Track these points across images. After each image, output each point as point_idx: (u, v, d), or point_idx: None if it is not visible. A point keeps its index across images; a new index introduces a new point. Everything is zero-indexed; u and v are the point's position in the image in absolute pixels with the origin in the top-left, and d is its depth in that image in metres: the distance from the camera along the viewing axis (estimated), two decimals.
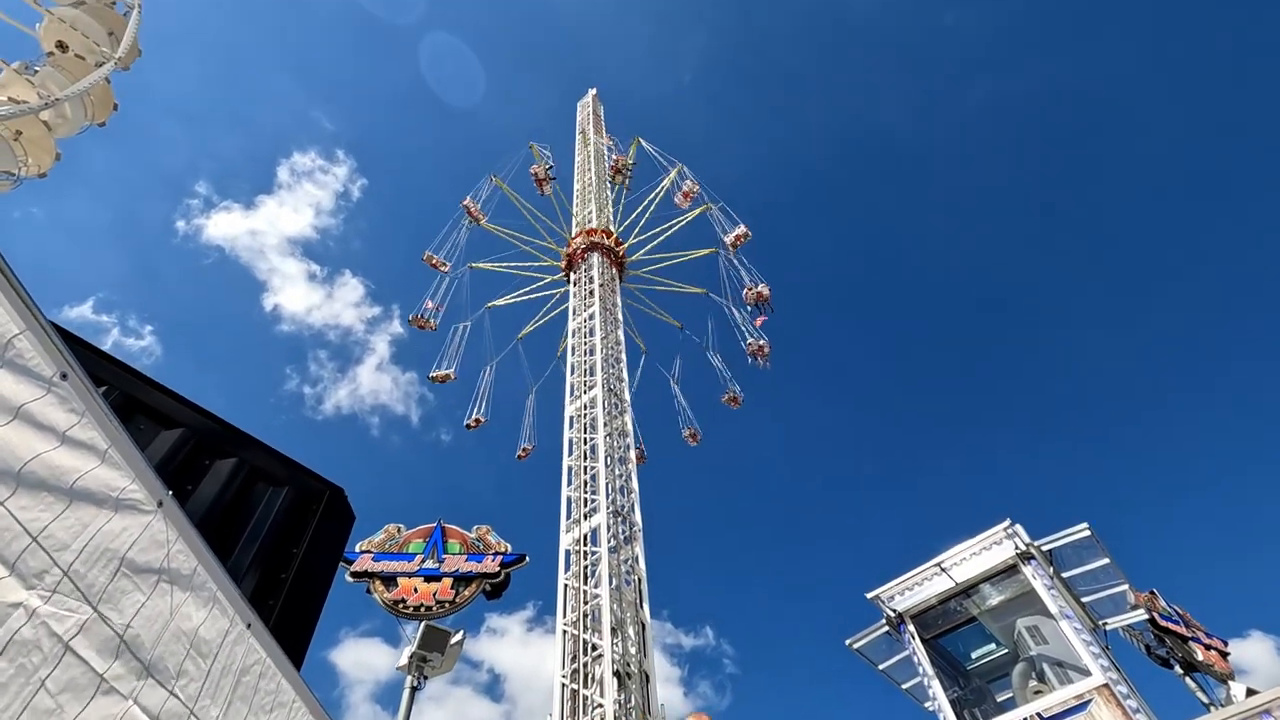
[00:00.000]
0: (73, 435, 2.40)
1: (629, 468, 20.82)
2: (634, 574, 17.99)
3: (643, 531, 19.18)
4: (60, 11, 10.61)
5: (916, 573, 14.83)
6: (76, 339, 4.74)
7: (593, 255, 29.23)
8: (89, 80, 10.02)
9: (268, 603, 4.85)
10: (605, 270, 28.73)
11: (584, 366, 24.18)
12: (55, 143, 10.68)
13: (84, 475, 2.38)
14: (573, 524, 19.01)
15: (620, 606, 16.60)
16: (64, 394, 2.44)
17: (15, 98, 9.93)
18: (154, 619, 2.50)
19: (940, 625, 14.35)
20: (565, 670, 15.58)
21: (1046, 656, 12.48)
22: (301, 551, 5.31)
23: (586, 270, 28.78)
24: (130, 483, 2.61)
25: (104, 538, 2.38)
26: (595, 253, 29.30)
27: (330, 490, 5.89)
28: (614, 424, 21.90)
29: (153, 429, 4.96)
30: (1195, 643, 15.70)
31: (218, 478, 5.10)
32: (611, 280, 28.82)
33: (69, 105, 10.46)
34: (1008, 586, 13.86)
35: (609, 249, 29.84)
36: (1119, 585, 13.91)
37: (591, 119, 37.49)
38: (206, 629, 2.79)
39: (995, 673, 13.80)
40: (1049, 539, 13.78)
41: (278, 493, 5.47)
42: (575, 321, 26.70)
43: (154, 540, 2.64)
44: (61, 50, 10.63)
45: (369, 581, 14.95)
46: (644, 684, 15.46)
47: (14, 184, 10.25)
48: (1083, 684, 11.63)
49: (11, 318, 2.33)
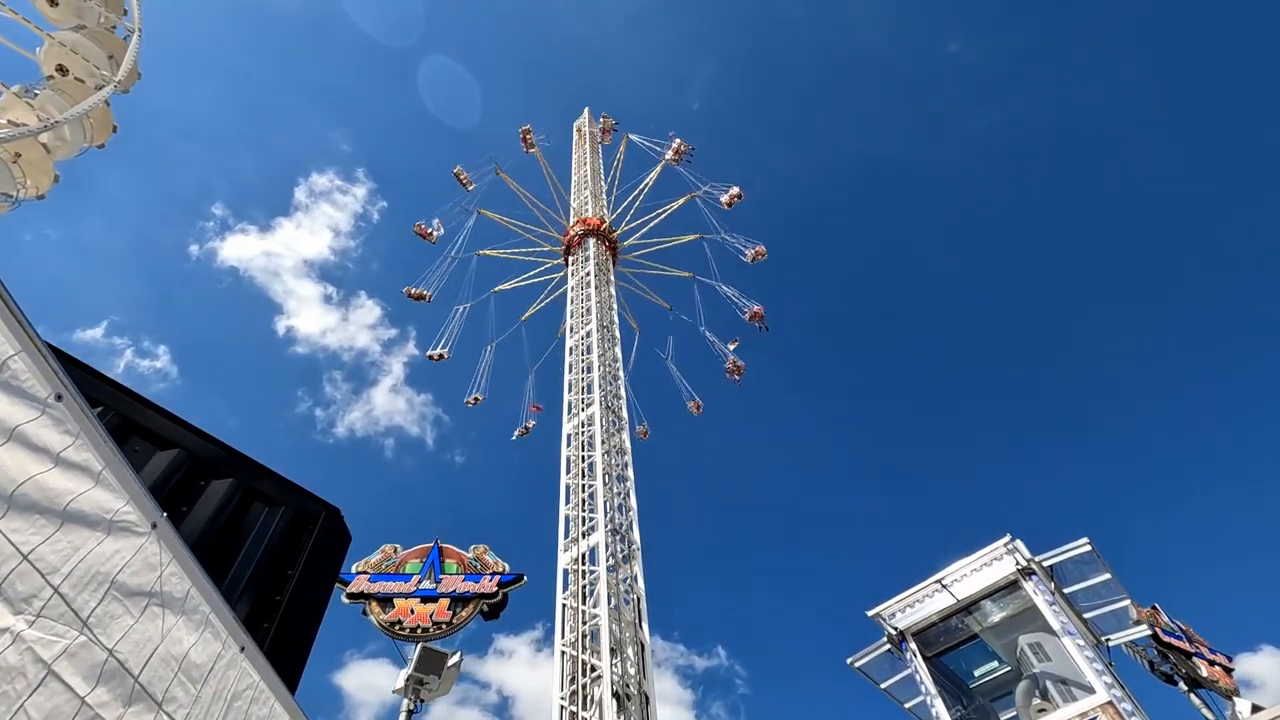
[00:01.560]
0: (67, 457, 2.38)
1: (627, 485, 20.72)
2: (633, 593, 17.82)
3: (642, 550, 19.05)
4: (60, 35, 10.71)
5: (917, 590, 14.73)
6: (73, 360, 4.73)
7: (589, 240, 31.18)
8: (88, 103, 10.09)
9: (262, 625, 4.80)
10: (601, 254, 30.59)
11: (581, 384, 24.17)
12: (54, 165, 10.73)
13: (77, 497, 2.36)
14: (570, 543, 18.87)
15: (619, 626, 16.42)
16: (59, 415, 2.43)
17: (15, 120, 9.99)
18: (143, 643, 2.47)
19: (942, 643, 14.23)
20: (564, 692, 15.37)
21: (1050, 674, 12.36)
22: (297, 573, 5.26)
23: (583, 253, 30.70)
24: (124, 505, 2.59)
25: (95, 560, 2.35)
26: (591, 238, 31.26)
27: (326, 511, 5.86)
28: (611, 441, 21.83)
29: (148, 450, 4.94)
30: (1199, 658, 15.58)
31: (213, 499, 5.06)
32: (606, 264, 30.78)
33: (68, 128, 10.52)
34: (1009, 603, 13.76)
35: (603, 235, 31.85)
36: (1121, 601, 13.82)
37: (588, 132, 38.74)
38: (197, 653, 2.75)
39: (998, 691, 13.66)
40: (1050, 554, 13.72)
41: (273, 513, 5.44)
42: (572, 305, 28.43)
43: (146, 563, 2.61)
44: (61, 73, 10.71)
45: (365, 603, 14.80)
46: (644, 705, 15.26)
47: (12, 205, 10.28)
48: (1087, 701, 11.52)
49: (7, 339, 2.32)
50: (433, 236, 32.79)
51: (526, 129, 35.66)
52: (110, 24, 11.19)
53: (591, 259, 30.12)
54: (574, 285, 29.25)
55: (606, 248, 31.38)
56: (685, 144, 33.73)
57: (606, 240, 31.63)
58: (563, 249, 32.26)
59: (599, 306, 27.40)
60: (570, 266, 30.92)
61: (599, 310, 27.19)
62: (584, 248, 30.70)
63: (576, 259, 30.74)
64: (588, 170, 35.62)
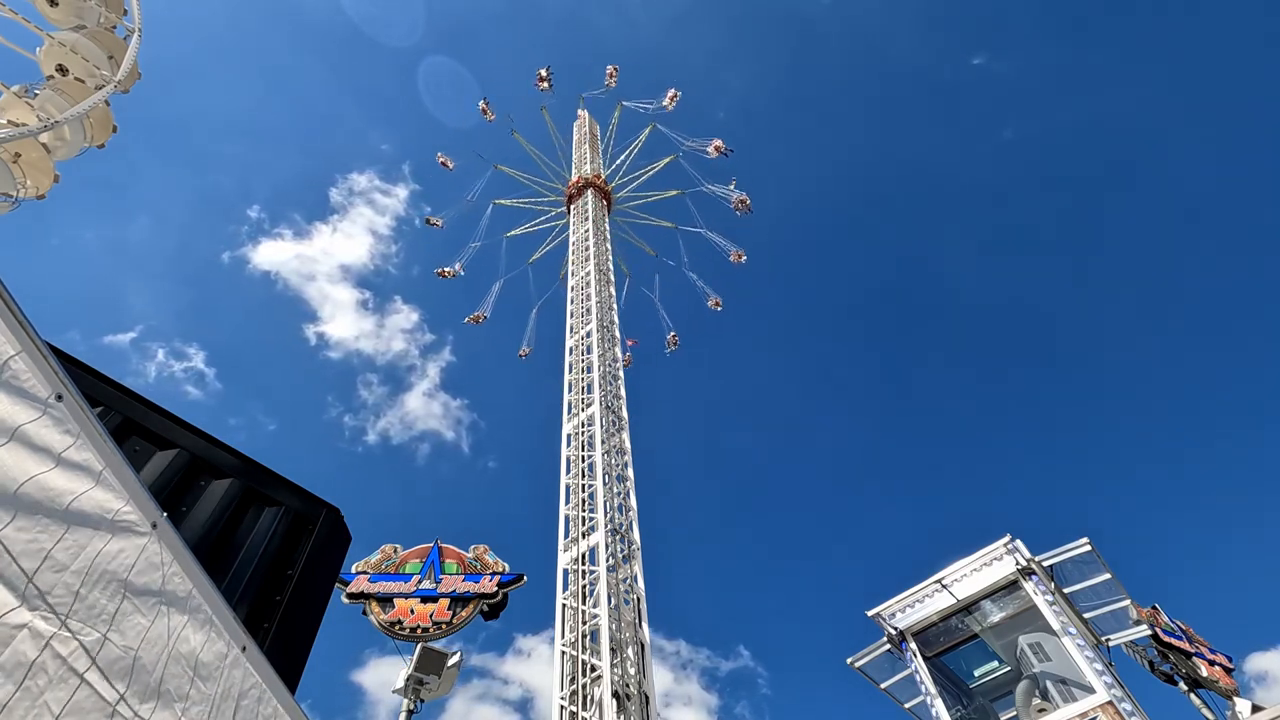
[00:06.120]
0: (68, 457, 2.38)
1: (627, 485, 20.72)
2: (633, 593, 17.82)
3: (643, 550, 19.06)
4: (61, 36, 10.71)
5: (917, 590, 14.73)
6: (74, 360, 4.73)
7: (587, 192, 35.80)
8: (89, 103, 10.09)
9: (262, 626, 4.80)
10: (598, 204, 35.21)
11: (581, 384, 24.17)
12: (54, 165, 10.73)
13: (79, 497, 2.36)
14: (570, 543, 18.88)
15: (619, 626, 16.42)
16: (59, 415, 2.43)
17: (15, 120, 10.00)
18: (154, 641, 2.47)
19: (942, 643, 14.23)
20: (564, 692, 15.37)
21: (1050, 674, 12.36)
22: (297, 573, 5.25)
23: (583, 203, 35.18)
24: (124, 504, 2.59)
25: (103, 560, 2.36)
26: (589, 190, 35.90)
27: (326, 511, 5.85)
28: (612, 441, 21.82)
29: (148, 450, 4.94)
30: (1199, 658, 15.59)
31: (213, 499, 5.06)
32: (602, 213, 35.16)
33: (68, 128, 10.52)
34: (1009, 603, 13.76)
35: (599, 187, 36.80)
36: (1121, 601, 13.83)
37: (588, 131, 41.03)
38: (206, 652, 2.76)
39: (998, 691, 13.66)
40: (1050, 554, 13.72)
41: (274, 513, 5.43)
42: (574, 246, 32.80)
43: (149, 562, 2.61)
44: (61, 74, 10.71)
45: (365, 603, 14.79)
46: (644, 705, 15.26)
47: (12, 206, 10.28)
48: (1087, 702, 11.52)
49: (8, 339, 2.33)
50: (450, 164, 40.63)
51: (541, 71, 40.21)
52: (110, 24, 11.20)
53: (592, 259, 30.18)
54: (574, 243, 32.95)
55: (602, 197, 36.20)
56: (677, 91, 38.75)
57: (602, 192, 36.44)
58: (565, 199, 37.28)
59: (599, 306, 27.42)
60: (572, 216, 35.33)
61: (599, 310, 27.21)
62: (584, 199, 35.24)
63: (578, 208, 35.24)
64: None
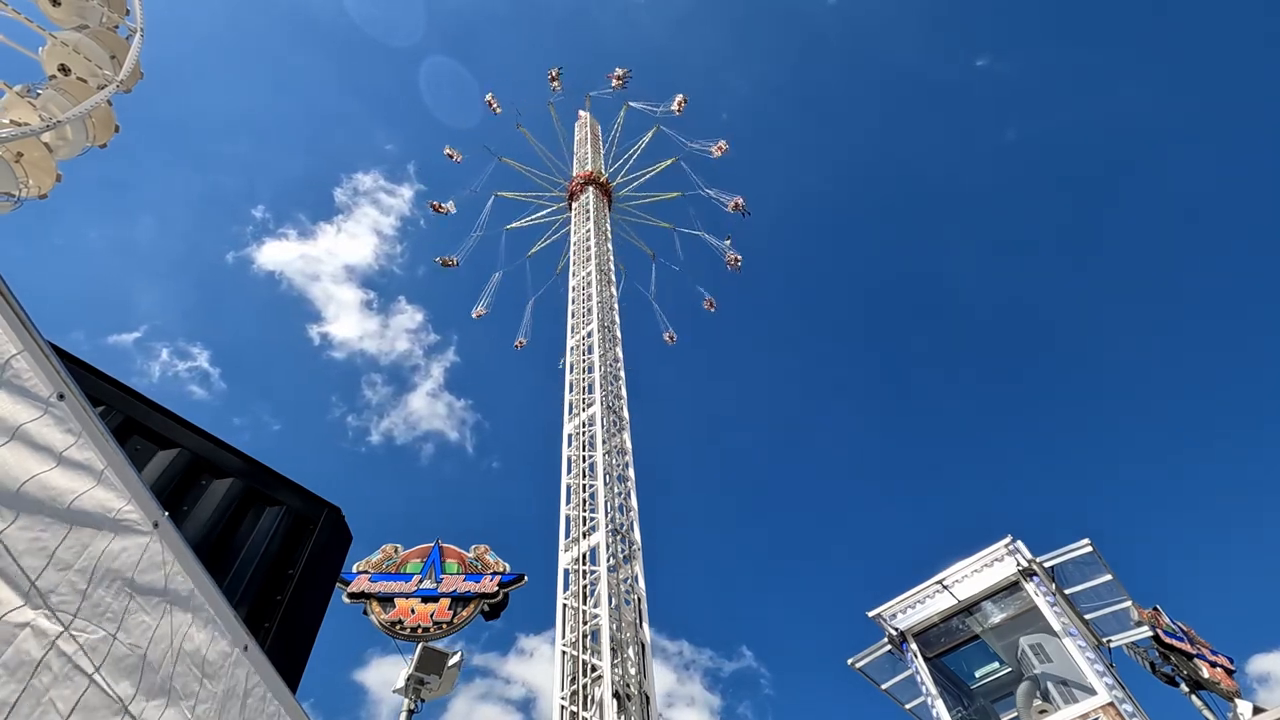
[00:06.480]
0: (69, 456, 2.38)
1: (628, 485, 20.72)
2: (634, 593, 17.82)
3: (644, 550, 19.05)
4: (63, 35, 10.72)
5: (918, 590, 14.72)
6: (76, 360, 4.73)
7: (589, 188, 36.22)
8: (91, 102, 10.10)
9: (263, 625, 4.80)
10: (599, 202, 35.59)
11: (582, 384, 24.17)
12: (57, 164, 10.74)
13: (80, 496, 2.36)
14: (571, 543, 18.88)
15: (620, 626, 16.42)
16: (61, 414, 2.43)
17: (17, 120, 10.01)
18: (161, 640, 2.47)
19: (943, 643, 14.22)
20: (564, 692, 15.37)
21: (1051, 675, 12.35)
22: (298, 573, 5.25)
23: (584, 200, 35.55)
24: (126, 504, 2.59)
25: (106, 559, 2.36)
26: (591, 186, 36.34)
27: (327, 510, 5.85)
28: (612, 441, 21.82)
29: (150, 449, 4.94)
30: (1200, 660, 15.57)
31: (214, 498, 5.06)
32: (603, 212, 35.52)
33: (70, 127, 10.53)
34: (1010, 604, 13.75)
35: (600, 184, 37.23)
36: (1122, 602, 13.82)
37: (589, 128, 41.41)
38: (210, 651, 2.76)
39: (999, 692, 13.65)
40: (1051, 555, 13.70)
41: (275, 513, 5.43)
42: (575, 246, 32.92)
43: (152, 561, 2.61)
44: (64, 73, 10.72)
45: (366, 602, 14.80)
46: (644, 705, 15.25)
47: (14, 205, 10.29)
48: (1088, 703, 11.51)
49: (10, 338, 2.33)
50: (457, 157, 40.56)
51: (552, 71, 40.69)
52: (113, 24, 11.21)
53: (593, 259, 30.22)
54: (575, 243, 33.06)
55: (603, 194, 36.67)
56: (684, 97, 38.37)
57: (603, 189, 36.93)
58: (567, 195, 37.60)
59: (600, 306, 27.43)
60: (573, 213, 35.54)
61: (600, 310, 27.22)
62: (585, 195, 35.74)
63: (579, 205, 35.48)
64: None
